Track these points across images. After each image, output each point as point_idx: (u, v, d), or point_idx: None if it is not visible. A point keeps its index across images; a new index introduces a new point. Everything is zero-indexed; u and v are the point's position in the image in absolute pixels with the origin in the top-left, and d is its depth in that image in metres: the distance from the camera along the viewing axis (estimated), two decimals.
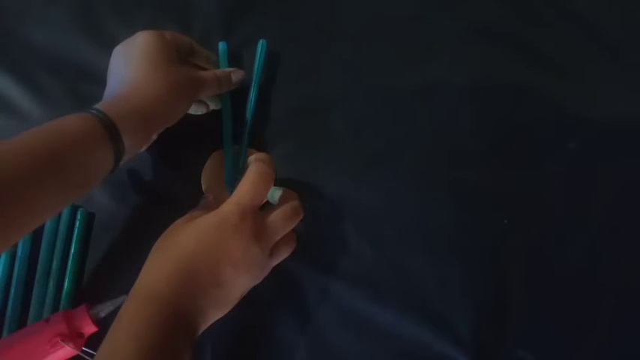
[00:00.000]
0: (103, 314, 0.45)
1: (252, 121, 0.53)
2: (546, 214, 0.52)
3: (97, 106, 0.42)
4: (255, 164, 0.45)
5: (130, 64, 0.45)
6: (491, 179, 0.53)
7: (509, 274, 0.50)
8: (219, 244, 0.41)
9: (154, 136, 0.50)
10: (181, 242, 0.42)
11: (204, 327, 0.41)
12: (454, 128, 0.54)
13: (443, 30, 0.57)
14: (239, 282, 0.42)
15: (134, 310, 0.39)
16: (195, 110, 0.53)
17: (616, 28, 0.57)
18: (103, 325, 0.44)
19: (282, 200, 0.46)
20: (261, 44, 0.55)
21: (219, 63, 0.54)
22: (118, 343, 0.37)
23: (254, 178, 0.44)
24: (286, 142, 0.54)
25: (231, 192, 0.51)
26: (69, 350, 0.43)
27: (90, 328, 0.44)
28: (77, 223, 0.50)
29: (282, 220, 0.45)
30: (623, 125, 0.54)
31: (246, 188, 0.44)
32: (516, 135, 0.54)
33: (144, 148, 0.50)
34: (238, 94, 0.54)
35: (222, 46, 0.55)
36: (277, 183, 0.51)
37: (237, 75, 0.53)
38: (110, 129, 0.41)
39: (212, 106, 0.53)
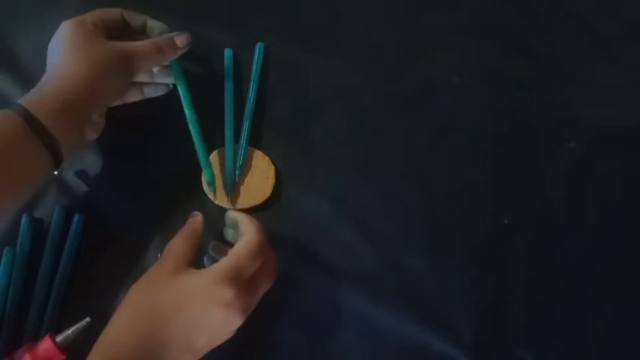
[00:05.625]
0: (69, 340, 0.43)
1: (251, 122, 0.53)
2: (546, 214, 0.52)
3: (18, 101, 0.42)
4: (249, 236, 0.43)
5: (54, 55, 0.45)
6: (491, 179, 0.53)
7: (510, 274, 0.50)
8: (203, 315, 0.39)
9: (96, 118, 0.47)
10: (162, 302, 0.40)
11: None
12: (454, 128, 0.54)
13: (443, 30, 0.57)
14: (209, 349, 0.41)
15: None
16: (155, 92, 0.52)
17: (616, 28, 0.58)
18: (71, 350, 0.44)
19: (261, 254, 0.42)
20: (258, 47, 0.55)
21: (225, 68, 0.54)
22: None
23: (244, 251, 0.41)
24: (286, 142, 0.54)
25: (229, 192, 0.51)
26: None
27: (58, 358, 0.43)
28: (74, 228, 0.49)
29: (265, 283, 0.43)
30: (623, 125, 0.54)
31: (237, 262, 0.41)
32: (516, 135, 0.54)
33: (92, 135, 0.48)
34: (239, 95, 0.54)
35: (227, 52, 0.55)
36: (277, 183, 0.51)
37: (181, 39, 0.49)
38: (30, 120, 0.40)
39: (169, 81, 0.52)
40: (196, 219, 0.45)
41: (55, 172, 0.44)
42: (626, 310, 0.49)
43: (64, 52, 0.45)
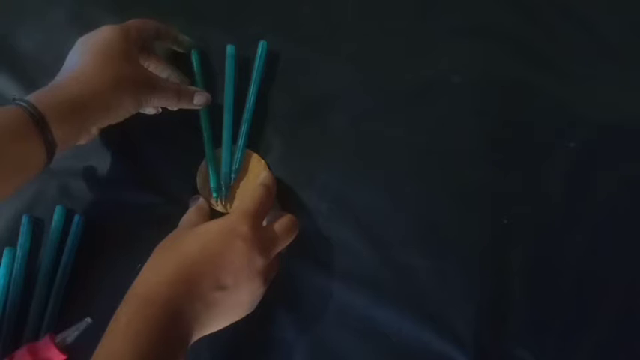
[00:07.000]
0: (69, 340, 0.44)
1: (250, 122, 0.53)
2: (546, 214, 0.52)
3: (29, 96, 0.42)
4: (262, 179, 0.48)
5: (84, 55, 0.45)
6: (491, 179, 0.53)
7: (509, 274, 0.50)
8: (224, 250, 0.41)
9: (94, 131, 0.48)
10: (185, 245, 0.42)
11: (197, 335, 0.41)
12: (454, 128, 0.54)
13: (443, 30, 0.57)
14: (237, 293, 0.42)
15: (132, 312, 0.39)
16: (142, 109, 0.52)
17: (616, 28, 0.57)
18: (72, 350, 0.44)
19: (279, 215, 0.47)
20: (261, 45, 0.55)
21: (226, 65, 0.54)
22: (114, 345, 0.37)
23: (261, 190, 0.46)
24: (286, 142, 0.54)
25: (225, 195, 0.51)
26: None
27: (58, 358, 0.43)
28: (74, 229, 0.49)
29: (283, 233, 0.45)
30: (623, 125, 0.54)
31: (253, 199, 0.45)
32: (516, 135, 0.54)
33: (82, 142, 0.48)
34: (239, 94, 0.54)
35: (229, 49, 0.54)
36: (277, 183, 0.51)
37: (200, 97, 0.50)
38: (37, 119, 0.41)
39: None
40: (198, 200, 0.50)
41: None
42: (626, 310, 0.49)
43: (93, 60, 0.45)
